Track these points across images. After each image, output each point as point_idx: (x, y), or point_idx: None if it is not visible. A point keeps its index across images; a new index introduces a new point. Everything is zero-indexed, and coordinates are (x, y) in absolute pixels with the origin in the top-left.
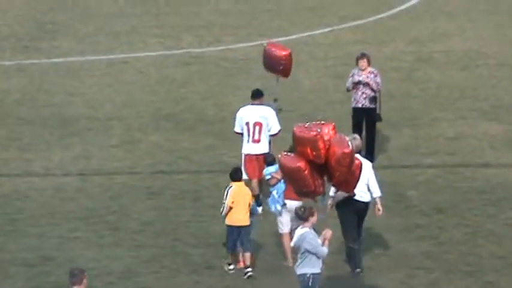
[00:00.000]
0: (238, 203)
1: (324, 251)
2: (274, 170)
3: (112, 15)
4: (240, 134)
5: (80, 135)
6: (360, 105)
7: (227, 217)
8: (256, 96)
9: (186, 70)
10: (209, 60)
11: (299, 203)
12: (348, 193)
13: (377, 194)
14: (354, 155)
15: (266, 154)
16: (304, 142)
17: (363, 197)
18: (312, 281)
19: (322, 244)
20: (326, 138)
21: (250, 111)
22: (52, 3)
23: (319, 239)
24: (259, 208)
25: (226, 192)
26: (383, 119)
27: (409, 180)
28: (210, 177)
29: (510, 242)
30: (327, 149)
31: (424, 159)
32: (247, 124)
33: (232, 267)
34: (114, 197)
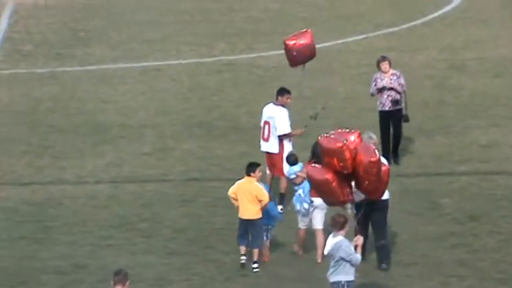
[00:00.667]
0: (241, 197)
1: (358, 258)
2: (298, 169)
3: (145, 23)
4: None
5: (112, 142)
6: (387, 108)
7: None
8: (276, 95)
9: (219, 78)
10: (242, 68)
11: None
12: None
13: None
14: (381, 162)
15: (288, 154)
16: (330, 153)
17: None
18: None
19: (354, 251)
20: (352, 147)
21: (266, 109)
22: (85, 11)
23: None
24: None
25: None
26: (416, 126)
27: (443, 188)
28: None
29: None
30: (354, 158)
31: (458, 167)
32: (263, 122)
33: (244, 258)
34: (146, 204)
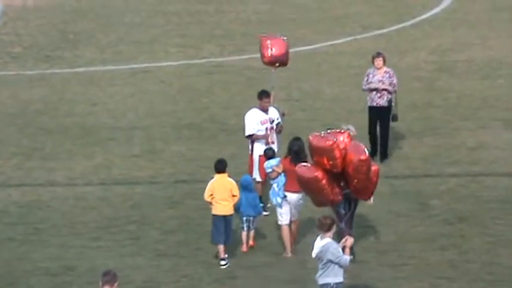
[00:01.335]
0: (218, 194)
1: (346, 260)
2: (275, 163)
3: (134, 25)
4: None
5: (101, 144)
6: (375, 104)
7: (212, 207)
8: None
9: (208, 79)
10: (231, 70)
11: (299, 195)
12: (365, 200)
13: None
14: (371, 161)
15: (265, 148)
16: (320, 152)
17: None
18: None
19: (343, 253)
20: (342, 146)
21: None
22: (74, 13)
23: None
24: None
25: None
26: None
27: (432, 190)
28: None
29: None
30: (343, 157)
31: (446, 169)
32: None
33: (224, 263)
34: (135, 206)
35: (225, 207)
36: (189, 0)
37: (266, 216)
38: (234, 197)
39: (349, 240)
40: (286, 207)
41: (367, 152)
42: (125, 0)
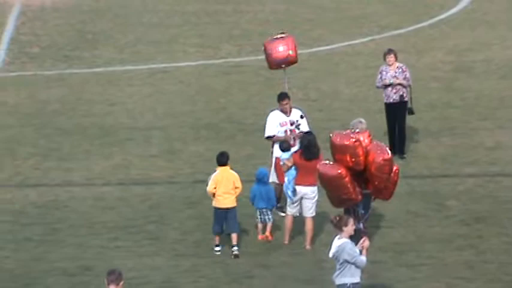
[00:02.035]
0: (221, 187)
1: (363, 261)
2: (287, 156)
3: (152, 25)
4: None
5: (120, 145)
6: (391, 100)
7: (213, 200)
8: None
9: (226, 79)
10: (248, 70)
11: (312, 188)
12: (385, 200)
13: None
14: (393, 161)
15: (281, 142)
16: (343, 149)
17: None
18: None
19: (360, 253)
20: (364, 144)
21: None
22: (92, 13)
23: (357, 249)
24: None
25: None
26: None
27: (449, 190)
28: (249, 186)
29: None
30: (365, 156)
31: (464, 169)
32: None
33: (218, 249)
34: (154, 206)
35: (226, 200)
36: (207, 0)
37: (283, 217)
38: (236, 188)
39: (366, 242)
40: (294, 200)
41: (390, 152)
42: (143, 0)
